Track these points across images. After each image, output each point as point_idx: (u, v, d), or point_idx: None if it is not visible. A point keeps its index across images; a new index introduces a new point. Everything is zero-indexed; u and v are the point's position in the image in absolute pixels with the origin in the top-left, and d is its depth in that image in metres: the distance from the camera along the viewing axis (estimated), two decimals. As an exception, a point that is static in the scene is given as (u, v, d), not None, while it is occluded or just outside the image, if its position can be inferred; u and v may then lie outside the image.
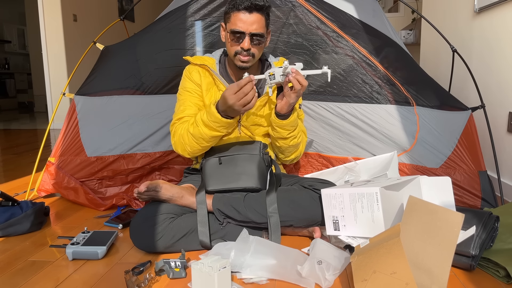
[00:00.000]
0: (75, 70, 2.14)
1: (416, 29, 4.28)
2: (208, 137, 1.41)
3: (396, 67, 1.75)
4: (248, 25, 1.38)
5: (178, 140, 1.48)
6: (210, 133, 1.39)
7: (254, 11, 1.38)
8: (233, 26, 1.40)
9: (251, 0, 1.37)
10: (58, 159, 1.88)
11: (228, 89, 1.29)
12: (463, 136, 1.66)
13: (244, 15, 1.38)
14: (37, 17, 5.04)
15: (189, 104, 1.52)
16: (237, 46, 1.42)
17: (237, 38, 1.41)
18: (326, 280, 1.09)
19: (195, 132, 1.41)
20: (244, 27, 1.39)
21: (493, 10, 2.00)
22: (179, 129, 1.48)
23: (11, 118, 6.70)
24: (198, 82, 1.53)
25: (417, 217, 1.06)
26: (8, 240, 1.52)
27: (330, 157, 1.83)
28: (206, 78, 1.53)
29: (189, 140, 1.44)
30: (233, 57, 1.46)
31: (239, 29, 1.39)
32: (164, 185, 1.39)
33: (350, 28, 1.78)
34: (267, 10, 1.43)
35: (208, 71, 1.53)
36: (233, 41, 1.42)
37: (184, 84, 1.56)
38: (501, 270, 1.14)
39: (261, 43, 1.44)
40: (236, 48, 1.42)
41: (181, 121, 1.50)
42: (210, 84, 1.53)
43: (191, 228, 1.33)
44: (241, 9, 1.38)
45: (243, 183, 1.41)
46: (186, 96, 1.54)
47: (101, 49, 2.02)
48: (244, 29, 1.39)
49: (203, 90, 1.52)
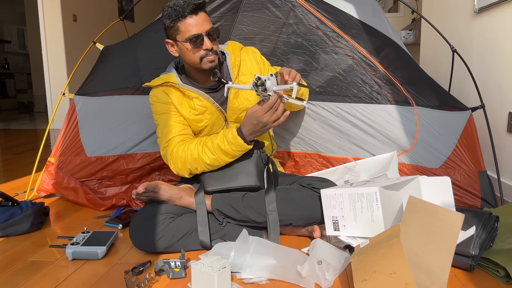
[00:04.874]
0: (75, 70, 2.14)
1: (416, 29, 4.28)
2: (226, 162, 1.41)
3: (396, 67, 1.75)
4: (201, 26, 1.37)
5: (183, 166, 1.43)
6: (230, 159, 1.40)
7: (199, 11, 1.37)
8: (188, 34, 1.37)
9: (192, 3, 1.35)
10: (58, 159, 1.88)
11: (257, 111, 1.27)
12: (463, 136, 1.66)
13: (192, 18, 1.36)
14: (37, 17, 5.03)
15: (171, 124, 1.47)
16: (199, 50, 1.38)
17: (196, 43, 1.37)
18: (326, 280, 1.09)
19: (212, 161, 1.39)
20: (199, 29, 1.36)
21: (493, 10, 2.00)
22: (179, 152, 1.43)
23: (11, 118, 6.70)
24: (168, 101, 1.48)
25: (417, 217, 1.06)
26: (8, 240, 1.52)
27: (330, 157, 1.83)
28: (173, 94, 1.48)
29: (201, 167, 1.42)
30: (199, 64, 1.41)
31: (195, 33, 1.36)
32: (163, 186, 1.39)
33: (350, 28, 1.78)
34: (205, 6, 1.42)
35: (172, 87, 1.47)
36: (194, 48, 1.38)
37: (156, 109, 1.50)
38: (501, 270, 1.14)
39: (217, 37, 1.43)
40: (200, 53, 1.39)
41: (171, 142, 1.45)
42: (179, 97, 1.48)
43: (191, 228, 1.33)
44: (187, 15, 1.35)
45: (241, 182, 1.41)
46: (164, 118, 1.48)
47: (101, 49, 2.03)
48: (200, 31, 1.36)
49: (176, 105, 1.47)
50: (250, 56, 1.56)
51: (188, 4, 1.35)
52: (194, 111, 1.47)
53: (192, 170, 1.44)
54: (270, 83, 1.24)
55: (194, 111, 1.47)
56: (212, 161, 1.40)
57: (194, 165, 1.42)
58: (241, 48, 1.59)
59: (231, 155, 1.38)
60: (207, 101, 1.46)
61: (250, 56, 1.56)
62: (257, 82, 1.23)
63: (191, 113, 1.47)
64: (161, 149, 1.50)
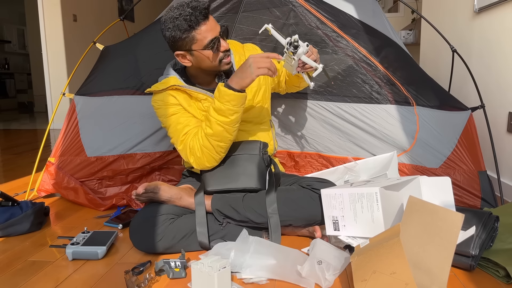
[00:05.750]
0: (75, 70, 2.14)
1: (416, 29, 4.28)
2: (228, 125, 1.31)
3: (396, 67, 1.75)
4: (214, 29, 1.35)
5: (201, 154, 1.37)
6: (227, 118, 1.30)
7: (208, 15, 1.35)
8: (206, 40, 1.33)
9: (200, 9, 1.31)
10: (58, 159, 1.88)
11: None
12: (463, 136, 1.66)
13: (205, 24, 1.33)
14: (37, 17, 5.03)
15: (184, 120, 1.42)
16: (218, 54, 1.37)
17: (215, 47, 1.35)
18: (326, 280, 1.09)
19: (215, 130, 1.32)
20: (214, 33, 1.34)
21: (493, 10, 2.00)
22: (195, 143, 1.37)
23: (11, 118, 6.70)
24: (177, 103, 1.43)
25: (417, 217, 1.06)
26: (8, 240, 1.52)
27: (330, 157, 1.83)
28: (179, 95, 1.43)
29: (212, 144, 1.34)
30: (218, 67, 1.40)
31: (212, 36, 1.34)
32: (163, 187, 1.39)
33: (350, 28, 1.78)
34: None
35: (178, 90, 1.43)
36: (214, 53, 1.36)
37: (164, 113, 1.44)
38: (500, 270, 1.14)
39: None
40: (220, 56, 1.37)
41: (188, 135, 1.40)
42: (187, 99, 1.44)
43: (191, 229, 1.33)
44: (201, 22, 1.32)
45: (242, 183, 1.41)
46: (174, 118, 1.43)
47: (101, 49, 2.03)
48: (215, 34, 1.34)
49: (185, 107, 1.43)
50: (252, 54, 1.55)
51: (199, 11, 1.31)
52: (204, 112, 1.44)
53: (211, 153, 1.36)
54: (301, 51, 1.28)
55: (205, 112, 1.44)
56: (215, 130, 1.32)
57: (207, 145, 1.35)
58: (242, 46, 1.59)
59: (226, 112, 1.29)
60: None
61: (252, 54, 1.55)
62: (292, 42, 1.27)
63: (201, 114, 1.44)
64: (178, 144, 1.42)
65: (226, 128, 1.32)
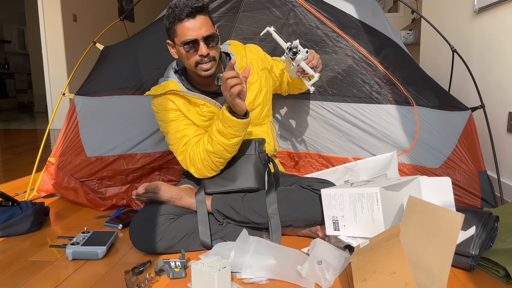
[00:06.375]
0: (75, 70, 2.14)
1: (416, 29, 4.28)
2: (229, 147, 1.34)
3: (396, 67, 1.75)
4: (197, 30, 1.32)
5: (202, 166, 1.39)
6: (228, 141, 1.33)
7: (197, 15, 1.32)
8: (183, 37, 1.32)
9: (190, 6, 1.30)
10: (58, 159, 1.88)
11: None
12: (463, 136, 1.66)
13: (189, 22, 1.32)
14: (37, 17, 5.03)
15: (184, 128, 1.43)
16: (195, 55, 1.34)
17: (192, 48, 1.33)
18: (326, 280, 1.09)
19: (215, 148, 1.34)
20: (194, 34, 1.32)
21: (493, 10, 2.00)
22: (195, 155, 1.39)
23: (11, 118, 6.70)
24: (176, 108, 1.43)
25: (417, 217, 1.06)
26: (8, 240, 1.52)
27: (330, 157, 1.83)
28: (178, 100, 1.43)
29: (212, 160, 1.37)
30: (194, 69, 1.38)
31: (191, 37, 1.32)
32: (163, 187, 1.39)
33: (350, 28, 1.78)
34: (207, 9, 1.37)
35: (176, 94, 1.43)
36: (189, 53, 1.34)
37: (163, 118, 1.45)
38: (500, 270, 1.14)
39: (216, 43, 1.38)
40: (195, 58, 1.35)
41: (188, 145, 1.42)
42: (185, 104, 1.44)
43: (191, 229, 1.33)
44: (184, 18, 1.31)
45: (239, 184, 1.41)
46: (174, 125, 1.43)
47: (101, 49, 2.02)
48: (196, 36, 1.32)
49: (184, 112, 1.43)
50: (254, 55, 1.55)
51: (186, 6, 1.31)
52: (203, 117, 1.44)
53: (211, 166, 1.39)
54: (300, 57, 1.31)
55: (203, 117, 1.44)
56: (215, 148, 1.34)
57: (207, 159, 1.37)
58: (244, 47, 1.57)
59: (228, 135, 1.31)
60: (214, 107, 1.43)
61: (254, 55, 1.55)
62: (292, 47, 1.31)
63: (200, 120, 1.44)
64: (178, 155, 1.45)
65: (227, 148, 1.35)
